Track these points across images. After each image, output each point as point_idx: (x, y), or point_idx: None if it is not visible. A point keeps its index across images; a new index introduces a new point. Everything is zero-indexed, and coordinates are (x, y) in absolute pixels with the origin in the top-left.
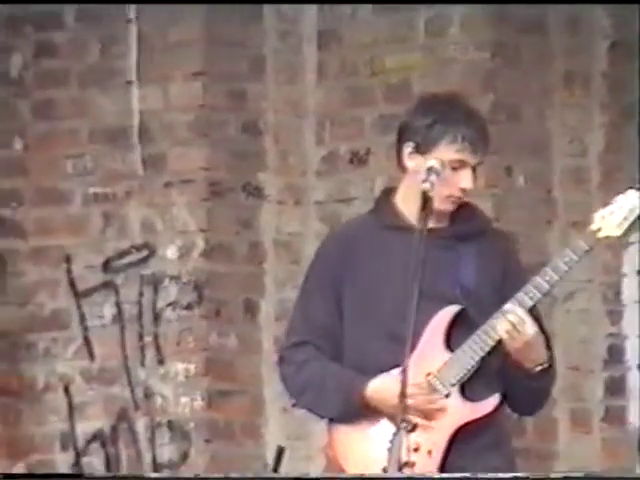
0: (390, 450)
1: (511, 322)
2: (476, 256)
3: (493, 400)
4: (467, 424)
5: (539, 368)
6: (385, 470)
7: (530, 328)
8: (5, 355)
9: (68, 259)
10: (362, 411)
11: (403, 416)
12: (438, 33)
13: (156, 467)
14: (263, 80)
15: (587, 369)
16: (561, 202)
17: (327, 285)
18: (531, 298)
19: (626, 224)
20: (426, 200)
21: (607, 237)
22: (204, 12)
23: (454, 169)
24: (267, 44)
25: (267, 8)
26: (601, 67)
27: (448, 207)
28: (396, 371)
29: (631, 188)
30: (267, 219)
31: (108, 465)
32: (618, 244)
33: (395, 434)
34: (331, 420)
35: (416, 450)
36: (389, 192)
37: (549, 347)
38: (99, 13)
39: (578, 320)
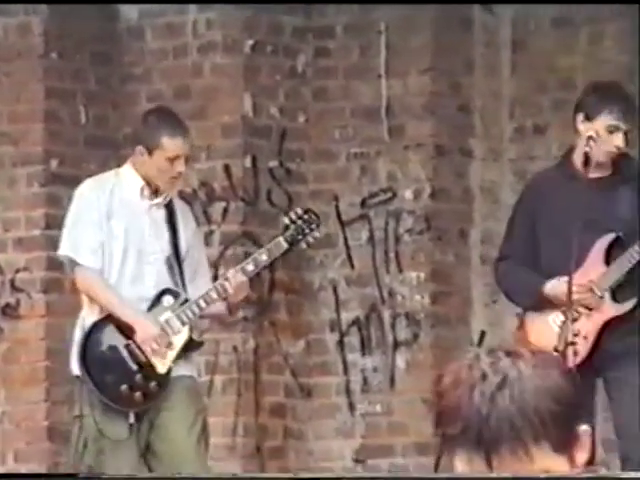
0: (559, 333)
1: None
2: (631, 196)
3: (633, 302)
4: (613, 318)
5: None
6: (556, 349)
7: None
8: (292, 265)
9: (336, 198)
10: (543, 304)
11: (569, 308)
12: (595, 42)
13: (395, 345)
14: (472, 75)
15: None
16: None
17: (525, 217)
18: None
19: None
20: (587, 159)
21: None
22: (432, 25)
23: (610, 132)
24: (475, 49)
25: (476, 23)
26: None
27: (607, 160)
28: (566, 277)
29: None
30: (475, 172)
31: (362, 342)
32: None
33: (563, 321)
34: (524, 310)
35: (576, 335)
36: (569, 152)
37: None
38: (359, 27)
39: None
